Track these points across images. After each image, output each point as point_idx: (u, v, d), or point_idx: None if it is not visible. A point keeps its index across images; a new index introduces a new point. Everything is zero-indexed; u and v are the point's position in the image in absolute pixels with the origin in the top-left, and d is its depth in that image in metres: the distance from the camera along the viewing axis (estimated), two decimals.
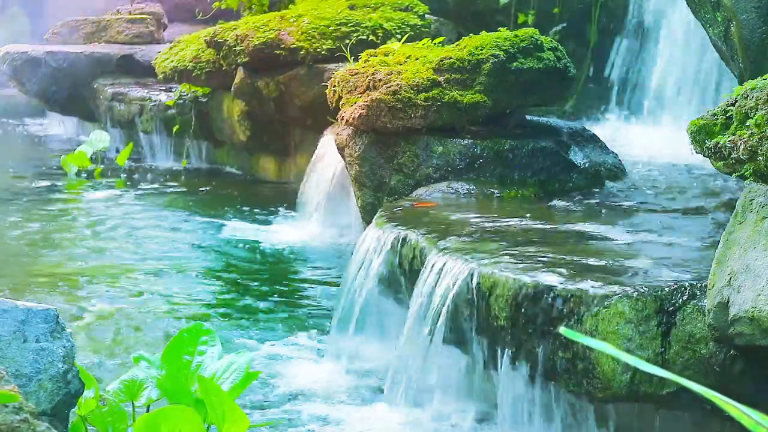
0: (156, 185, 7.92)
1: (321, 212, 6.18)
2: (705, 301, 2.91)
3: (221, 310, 5.01)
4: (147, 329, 4.72)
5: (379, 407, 3.83)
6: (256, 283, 5.44)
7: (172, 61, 7.96)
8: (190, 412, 2.75)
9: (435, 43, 5.45)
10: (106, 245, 6.12)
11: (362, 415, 3.80)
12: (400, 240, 3.88)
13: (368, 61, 5.26)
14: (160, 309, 4.98)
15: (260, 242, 6.14)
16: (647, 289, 3.06)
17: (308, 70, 6.75)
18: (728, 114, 2.70)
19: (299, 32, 6.77)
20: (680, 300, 3.01)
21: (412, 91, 4.86)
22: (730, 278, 2.75)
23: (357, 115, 4.89)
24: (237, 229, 6.45)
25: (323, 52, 6.69)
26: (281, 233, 6.30)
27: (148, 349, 3.96)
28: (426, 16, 7.17)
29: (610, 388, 3.04)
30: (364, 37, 6.68)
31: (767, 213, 2.77)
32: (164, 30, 10.58)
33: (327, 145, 6.07)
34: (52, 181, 8.00)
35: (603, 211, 4.39)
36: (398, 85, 4.88)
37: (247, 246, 6.07)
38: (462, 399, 3.76)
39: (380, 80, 4.96)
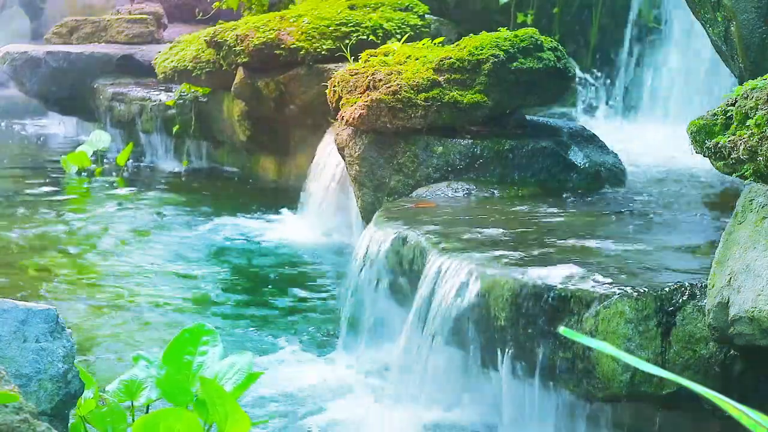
0: (156, 185, 7.92)
1: (322, 212, 6.18)
2: (705, 301, 2.91)
3: (222, 309, 5.01)
4: (147, 329, 4.72)
5: (381, 408, 3.83)
6: (256, 283, 5.44)
7: (172, 61, 7.95)
8: (189, 413, 2.75)
9: (435, 43, 5.44)
10: (105, 245, 6.12)
11: (364, 416, 3.80)
12: (400, 240, 3.88)
13: (368, 61, 5.26)
14: (160, 309, 4.99)
15: (261, 242, 6.14)
16: (647, 289, 3.06)
17: (308, 70, 6.75)
18: (728, 114, 2.70)
19: (299, 32, 6.76)
20: (680, 300, 3.01)
21: (412, 91, 4.86)
22: (730, 278, 2.75)
23: (357, 115, 4.89)
24: (237, 229, 6.45)
25: (323, 52, 6.69)
26: (282, 233, 6.30)
27: (149, 349, 3.97)
28: (426, 16, 7.16)
29: (610, 388, 3.04)
30: (364, 37, 6.68)
31: (767, 213, 2.77)
32: (164, 30, 10.58)
33: (329, 145, 6.07)
34: (52, 181, 8.00)
35: (603, 210, 4.39)
36: (398, 85, 4.88)
37: (247, 246, 6.08)
38: (464, 399, 3.76)
39: (380, 80, 4.96)
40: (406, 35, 6.54)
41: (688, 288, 3.03)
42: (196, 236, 6.33)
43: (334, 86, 5.24)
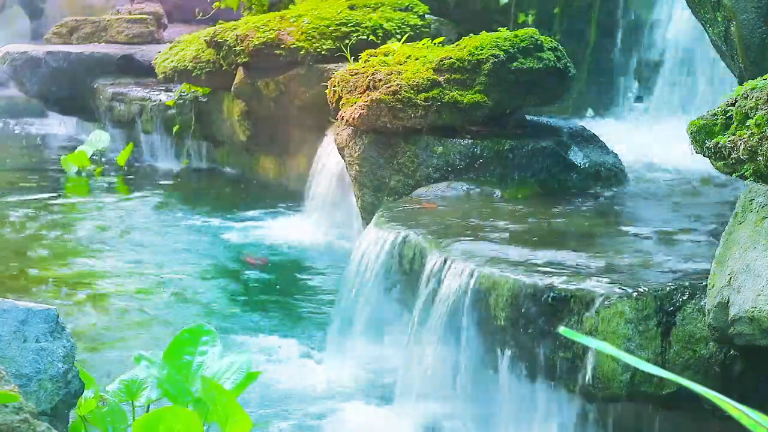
0: (156, 185, 7.92)
1: (322, 212, 6.17)
2: (705, 301, 2.91)
3: (222, 310, 5.01)
4: (146, 328, 4.72)
5: (381, 408, 3.83)
6: (256, 284, 5.44)
7: (172, 61, 7.95)
8: (188, 412, 2.75)
9: (435, 43, 5.44)
10: (105, 245, 6.12)
11: (365, 417, 3.80)
12: (400, 240, 3.88)
13: (368, 61, 5.26)
14: (160, 309, 4.99)
15: (261, 242, 6.14)
16: (647, 289, 3.06)
17: (308, 70, 6.75)
18: (728, 114, 2.70)
19: (299, 32, 6.76)
20: (680, 300, 3.01)
21: (412, 91, 4.86)
22: (730, 278, 2.75)
23: (357, 115, 4.89)
24: (237, 229, 6.45)
25: (323, 52, 6.69)
26: (282, 233, 6.30)
27: (149, 349, 3.97)
28: (426, 16, 7.16)
29: (610, 388, 3.04)
30: (364, 37, 6.68)
31: (767, 213, 2.77)
32: (164, 30, 10.58)
33: (329, 145, 6.07)
34: (52, 181, 8.00)
35: (602, 210, 4.39)
36: (398, 85, 4.88)
37: (247, 246, 6.07)
38: (464, 399, 3.76)
39: (380, 80, 4.96)
40: (406, 35, 6.54)
41: (688, 288, 3.03)
42: (195, 236, 6.33)
43: (334, 86, 5.24)
